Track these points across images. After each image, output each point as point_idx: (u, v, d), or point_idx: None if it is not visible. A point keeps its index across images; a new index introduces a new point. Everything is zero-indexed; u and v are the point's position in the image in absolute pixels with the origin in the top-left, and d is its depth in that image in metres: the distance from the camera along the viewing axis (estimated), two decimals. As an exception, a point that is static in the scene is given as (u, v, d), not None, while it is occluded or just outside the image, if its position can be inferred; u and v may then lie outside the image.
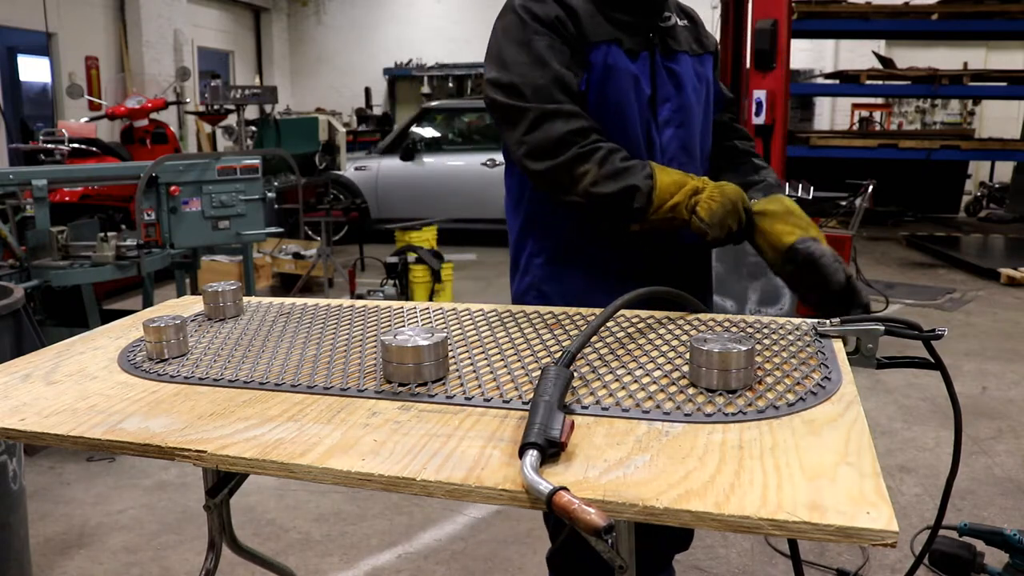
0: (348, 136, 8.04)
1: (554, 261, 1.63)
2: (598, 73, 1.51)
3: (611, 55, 1.51)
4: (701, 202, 1.41)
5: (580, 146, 1.44)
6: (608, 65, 1.51)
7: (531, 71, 1.47)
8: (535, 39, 1.48)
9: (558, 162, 1.45)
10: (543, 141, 1.45)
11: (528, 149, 1.48)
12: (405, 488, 0.83)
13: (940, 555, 2.26)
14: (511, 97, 1.48)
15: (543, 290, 1.65)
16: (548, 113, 1.45)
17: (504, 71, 1.50)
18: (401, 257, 5.46)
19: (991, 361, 4.46)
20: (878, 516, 0.72)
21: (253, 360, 1.22)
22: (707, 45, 1.69)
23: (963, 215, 10.45)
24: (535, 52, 1.47)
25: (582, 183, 1.44)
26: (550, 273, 1.64)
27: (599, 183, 1.43)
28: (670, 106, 1.58)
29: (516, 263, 1.72)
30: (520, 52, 1.49)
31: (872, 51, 9.93)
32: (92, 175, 4.28)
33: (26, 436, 1.01)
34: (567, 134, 1.44)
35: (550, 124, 1.45)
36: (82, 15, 8.98)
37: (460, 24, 13.55)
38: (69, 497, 2.93)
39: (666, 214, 1.43)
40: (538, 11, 1.49)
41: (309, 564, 2.48)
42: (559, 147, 1.44)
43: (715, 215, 1.40)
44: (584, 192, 1.44)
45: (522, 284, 1.69)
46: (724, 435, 0.90)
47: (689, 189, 1.43)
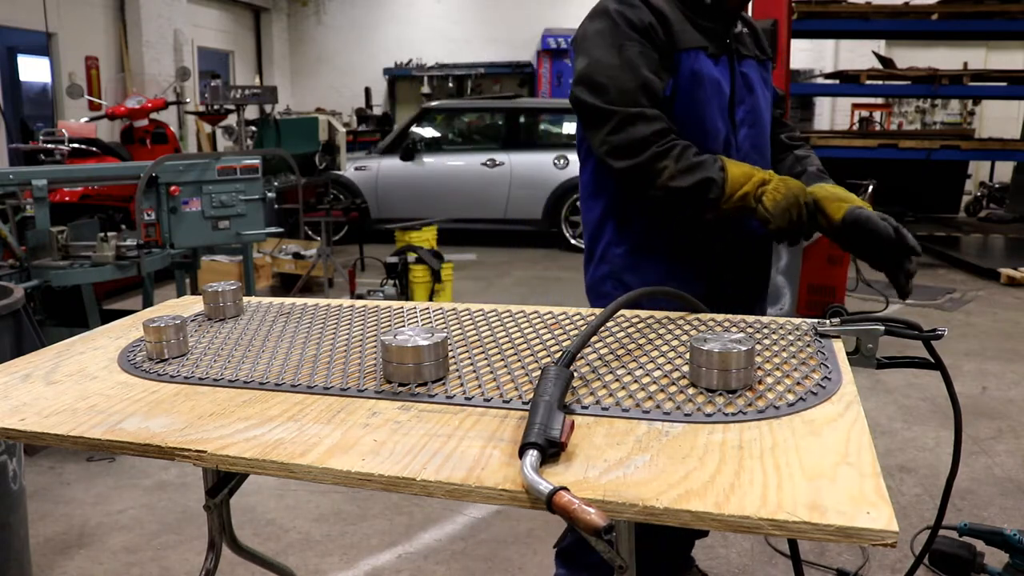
0: (348, 136, 8.03)
1: (635, 251, 1.71)
2: (685, 78, 1.60)
3: (698, 61, 1.61)
4: (767, 193, 1.52)
5: (658, 145, 1.54)
6: (695, 71, 1.61)
7: (620, 75, 1.56)
8: (627, 44, 1.57)
9: (638, 161, 1.55)
10: (625, 142, 1.55)
11: (610, 148, 1.58)
12: (405, 488, 0.83)
13: (940, 555, 2.26)
14: (598, 98, 1.58)
15: (623, 279, 1.72)
16: (632, 116, 1.55)
17: (594, 72, 1.59)
18: (401, 257, 5.46)
19: (991, 361, 4.46)
20: (878, 516, 0.72)
21: (253, 360, 1.22)
22: (767, 52, 1.81)
23: (963, 215, 10.45)
24: (626, 57, 1.57)
25: (661, 178, 1.54)
26: (631, 263, 1.72)
27: (676, 177, 1.53)
28: (744, 108, 1.70)
29: (592, 252, 1.80)
30: (611, 55, 1.58)
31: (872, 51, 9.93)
32: (92, 175, 4.28)
33: (26, 436, 1.01)
34: (648, 136, 1.54)
35: (632, 127, 1.55)
36: (82, 15, 8.98)
37: (460, 24, 13.55)
38: (69, 497, 2.93)
39: (737, 203, 1.53)
40: (632, 17, 1.58)
41: (309, 564, 2.48)
42: (640, 147, 1.55)
43: (778, 205, 1.51)
44: (663, 187, 1.54)
45: (599, 272, 1.77)
46: (724, 435, 0.90)
47: (757, 180, 1.53)
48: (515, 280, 6.91)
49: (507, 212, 8.35)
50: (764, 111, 1.76)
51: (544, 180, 8.18)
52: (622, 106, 1.55)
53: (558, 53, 12.66)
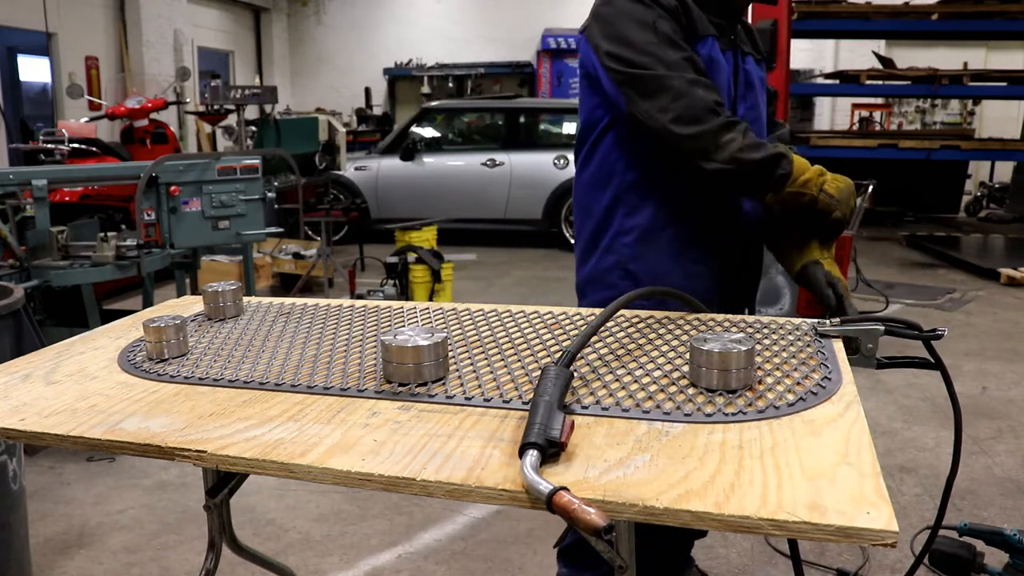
0: (348, 136, 8.03)
1: (643, 241, 1.69)
2: (703, 64, 1.59)
3: (714, 49, 1.62)
4: (828, 182, 1.52)
5: (727, 116, 1.51)
6: (712, 58, 1.61)
7: (662, 50, 1.54)
8: (659, 21, 1.56)
9: (707, 128, 1.50)
10: (691, 107, 1.51)
11: (675, 115, 1.52)
12: (405, 488, 0.83)
13: (940, 555, 2.26)
14: (645, 68, 1.54)
15: (630, 269, 1.70)
16: (691, 82, 1.52)
17: (632, 49, 1.56)
18: (401, 257, 5.46)
19: (991, 361, 4.46)
20: (878, 516, 0.72)
21: (253, 360, 1.22)
22: (762, 51, 1.81)
23: (963, 215, 10.45)
24: (663, 33, 1.55)
25: (728, 149, 1.50)
26: (639, 252, 1.69)
27: (745, 150, 1.50)
28: (746, 104, 1.70)
29: (596, 242, 1.76)
30: (646, 32, 1.55)
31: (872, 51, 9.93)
32: (92, 175, 4.28)
33: (26, 436, 1.01)
34: (712, 103, 1.51)
35: (695, 91, 1.51)
36: (82, 15, 8.98)
37: (460, 24, 13.55)
38: (69, 497, 2.93)
39: (799, 187, 1.52)
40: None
41: (309, 564, 2.48)
42: (706, 114, 1.51)
43: (843, 193, 1.52)
44: (731, 158, 1.50)
45: (604, 262, 1.74)
46: (724, 435, 0.90)
47: (816, 169, 1.54)
48: (515, 280, 6.91)
49: (507, 212, 8.35)
50: (763, 109, 1.77)
51: (544, 180, 8.19)
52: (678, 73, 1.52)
53: (558, 53, 12.66)
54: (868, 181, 5.44)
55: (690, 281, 1.63)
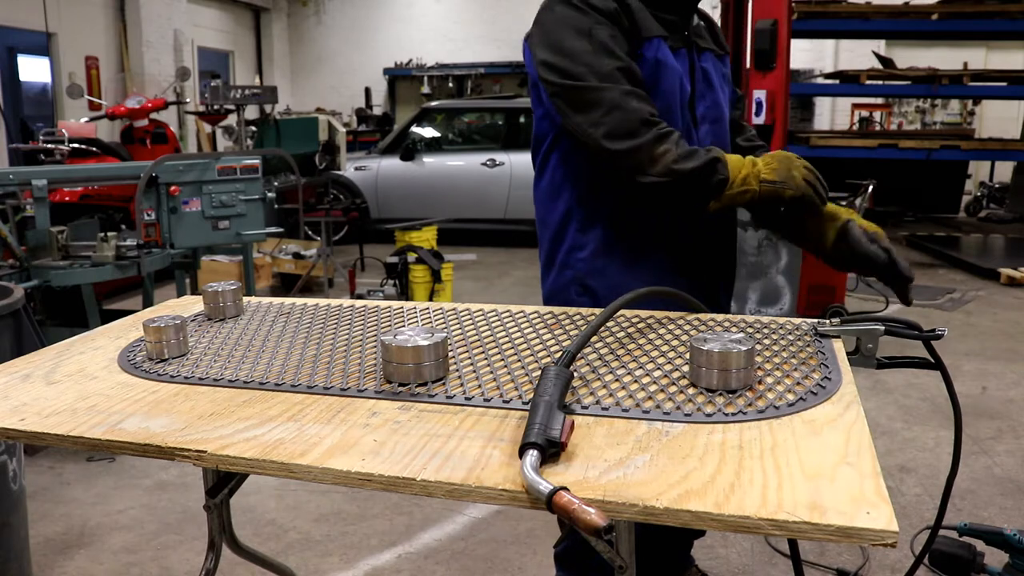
0: (348, 136, 8.03)
1: (599, 254, 1.64)
2: (649, 67, 1.55)
3: (660, 51, 1.56)
4: (762, 168, 1.47)
5: (659, 128, 1.47)
6: (658, 60, 1.55)
7: (597, 59, 1.49)
8: (596, 28, 1.51)
9: (640, 142, 1.47)
10: (623, 121, 1.47)
11: (608, 130, 1.48)
12: (405, 488, 0.83)
13: (940, 555, 2.26)
14: (577, 80, 1.50)
15: (587, 284, 1.65)
16: (624, 94, 1.48)
17: (567, 59, 1.51)
18: (401, 257, 5.46)
19: (991, 361, 4.46)
20: (878, 516, 0.72)
21: (253, 360, 1.22)
22: (724, 46, 1.76)
23: (963, 215, 10.45)
24: (599, 41, 1.50)
25: (663, 161, 1.46)
26: (596, 267, 1.65)
27: (679, 160, 1.46)
28: (705, 103, 1.65)
29: (552, 258, 1.71)
30: (582, 41, 1.50)
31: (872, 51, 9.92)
32: (92, 175, 4.28)
33: (26, 436, 1.01)
34: (647, 115, 1.47)
35: (627, 104, 1.47)
36: (82, 15, 8.98)
37: (460, 24, 13.55)
38: (69, 497, 2.93)
39: (740, 187, 1.48)
40: (595, 2, 1.52)
41: (309, 564, 2.48)
42: (639, 128, 1.47)
43: (780, 171, 1.47)
44: (667, 170, 1.46)
45: (561, 279, 1.69)
46: (724, 435, 0.90)
47: (749, 162, 1.50)
48: (515, 280, 6.91)
49: (507, 212, 8.35)
50: (724, 107, 1.70)
51: (544, 180, 8.17)
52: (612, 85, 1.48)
53: (558, 53, 12.64)
54: (868, 181, 5.44)
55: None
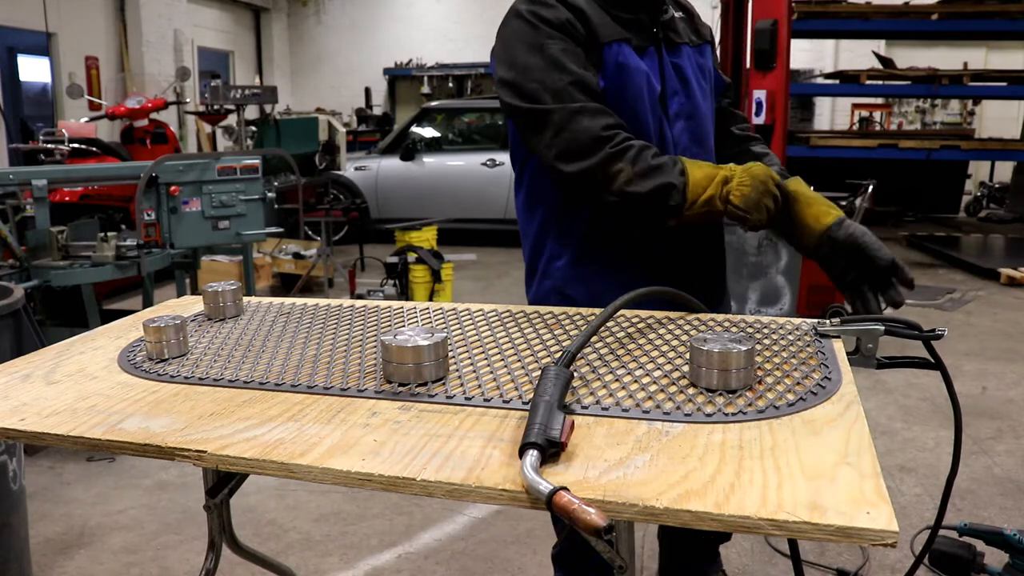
0: (348, 136, 8.03)
1: (577, 263, 1.62)
2: (611, 72, 1.51)
3: (622, 54, 1.52)
4: (733, 190, 1.40)
5: (611, 145, 1.43)
6: (620, 64, 1.51)
7: (548, 75, 1.46)
8: (548, 43, 1.47)
9: (591, 163, 1.43)
10: (573, 142, 1.44)
11: (559, 152, 1.46)
12: (405, 488, 0.83)
13: (940, 555, 2.26)
14: (532, 102, 1.47)
15: (567, 293, 1.63)
16: (573, 112, 1.44)
17: (520, 76, 1.48)
18: (401, 257, 5.46)
19: (991, 361, 4.46)
20: (878, 516, 0.72)
21: (253, 360, 1.22)
22: (704, 35, 1.70)
23: (963, 215, 10.45)
24: (550, 55, 1.46)
25: (616, 182, 1.43)
26: (574, 275, 1.63)
27: (634, 182, 1.42)
28: (679, 100, 1.60)
29: (534, 268, 1.70)
30: (534, 57, 1.47)
31: (872, 51, 9.93)
32: (92, 175, 4.28)
33: (26, 436, 1.01)
34: (597, 132, 1.43)
35: (577, 124, 1.43)
36: (82, 15, 8.98)
37: (460, 24, 13.55)
38: (69, 497, 2.93)
39: (701, 208, 1.42)
40: (547, 15, 1.48)
41: (309, 564, 2.48)
42: (591, 147, 1.43)
43: (749, 200, 1.39)
44: (619, 192, 1.43)
45: (542, 288, 1.67)
46: (724, 435, 0.90)
47: (720, 180, 1.42)
48: (515, 280, 6.91)
49: (507, 212, 8.35)
50: (702, 101, 1.64)
51: (544, 180, 8.17)
52: (560, 104, 1.44)
53: (558, 53, 12.65)
54: (868, 181, 5.44)
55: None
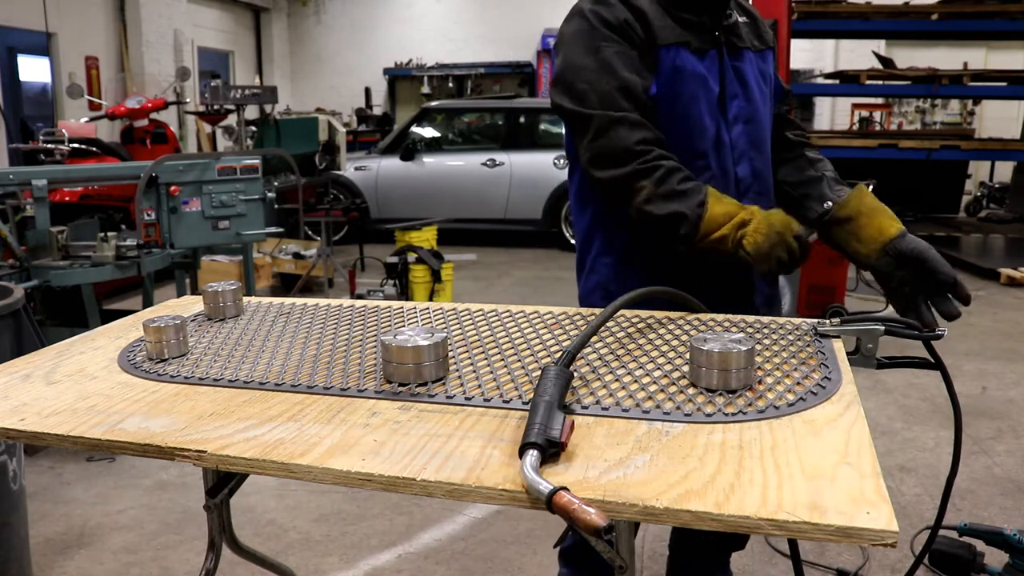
0: (348, 136, 8.03)
1: (621, 262, 1.65)
2: (667, 75, 1.53)
3: (680, 57, 1.53)
4: (747, 235, 1.41)
5: (641, 161, 1.45)
6: (677, 67, 1.53)
7: (598, 78, 1.49)
8: (603, 46, 1.50)
9: (619, 173, 1.47)
10: (606, 150, 1.47)
11: (591, 156, 1.50)
12: (405, 488, 0.83)
13: (940, 555, 2.26)
14: (577, 103, 1.50)
15: (610, 290, 1.65)
16: (613, 121, 1.46)
17: (572, 75, 1.52)
18: (401, 257, 5.46)
19: (991, 361, 4.46)
20: (878, 516, 0.72)
21: (253, 360, 1.22)
22: (767, 41, 1.70)
23: (963, 215, 10.44)
24: (603, 58, 1.49)
25: (637, 198, 1.46)
26: (619, 273, 1.65)
27: (652, 201, 1.44)
28: (738, 103, 1.60)
29: (583, 263, 1.73)
30: (588, 58, 1.50)
31: (872, 51, 9.92)
32: (92, 175, 4.28)
33: (26, 436, 1.01)
34: (631, 144, 1.46)
35: (614, 132, 1.46)
36: (82, 15, 8.97)
37: (460, 24, 13.55)
38: (69, 497, 2.93)
39: (712, 244, 1.44)
40: (607, 15, 1.51)
41: (309, 564, 2.48)
42: (622, 158, 1.46)
43: (760, 249, 1.39)
44: (638, 208, 1.47)
45: (588, 283, 1.71)
46: (724, 435, 0.90)
47: (737, 222, 1.42)
48: (515, 280, 6.91)
49: (507, 212, 8.35)
50: (761, 106, 1.65)
51: (544, 180, 8.19)
52: (602, 110, 1.47)
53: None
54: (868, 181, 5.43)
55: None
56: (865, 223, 1.43)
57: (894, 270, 1.40)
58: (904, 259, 1.38)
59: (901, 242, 1.40)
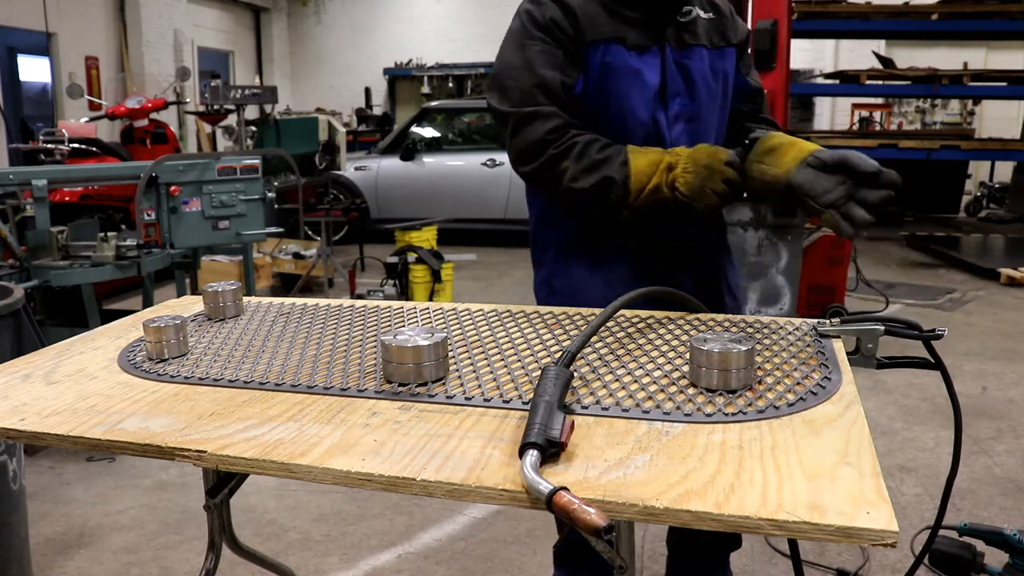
0: (348, 136, 8.03)
1: (560, 255, 1.66)
2: (595, 72, 1.52)
3: (610, 53, 1.52)
4: (677, 177, 1.41)
5: (556, 145, 1.48)
6: (606, 64, 1.52)
7: (521, 75, 1.52)
8: (528, 44, 1.53)
9: (539, 164, 1.50)
10: (524, 145, 1.51)
11: (514, 155, 1.54)
12: (405, 488, 0.83)
13: (940, 555, 2.26)
14: (501, 102, 1.54)
15: (552, 284, 1.68)
16: (527, 116, 1.50)
17: (501, 75, 1.56)
18: (401, 257, 5.46)
19: (991, 361, 4.46)
20: (878, 516, 0.72)
21: (253, 360, 1.22)
22: (729, 38, 1.65)
23: (963, 215, 10.45)
24: (527, 57, 1.52)
25: (563, 181, 1.48)
26: (557, 268, 1.67)
27: (577, 179, 1.46)
28: (680, 101, 1.58)
29: (534, 260, 1.75)
30: (516, 56, 1.54)
31: (872, 51, 9.93)
32: (92, 175, 4.28)
33: (26, 436, 1.01)
34: (543, 135, 1.48)
35: (530, 127, 1.50)
36: (82, 15, 8.97)
37: (460, 24, 13.55)
38: (69, 497, 2.93)
39: (649, 197, 1.44)
40: (536, 15, 1.53)
41: (309, 564, 2.48)
42: (537, 150, 1.49)
43: (692, 186, 1.39)
44: (567, 190, 1.49)
45: (537, 279, 1.73)
46: (724, 435, 0.90)
47: (664, 167, 1.42)
48: (515, 280, 6.91)
49: (507, 212, 8.35)
50: (707, 104, 1.60)
51: (544, 180, 8.17)
52: (519, 107, 1.50)
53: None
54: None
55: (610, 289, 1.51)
56: (786, 149, 1.38)
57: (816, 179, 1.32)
58: (825, 166, 1.32)
59: (821, 153, 1.34)
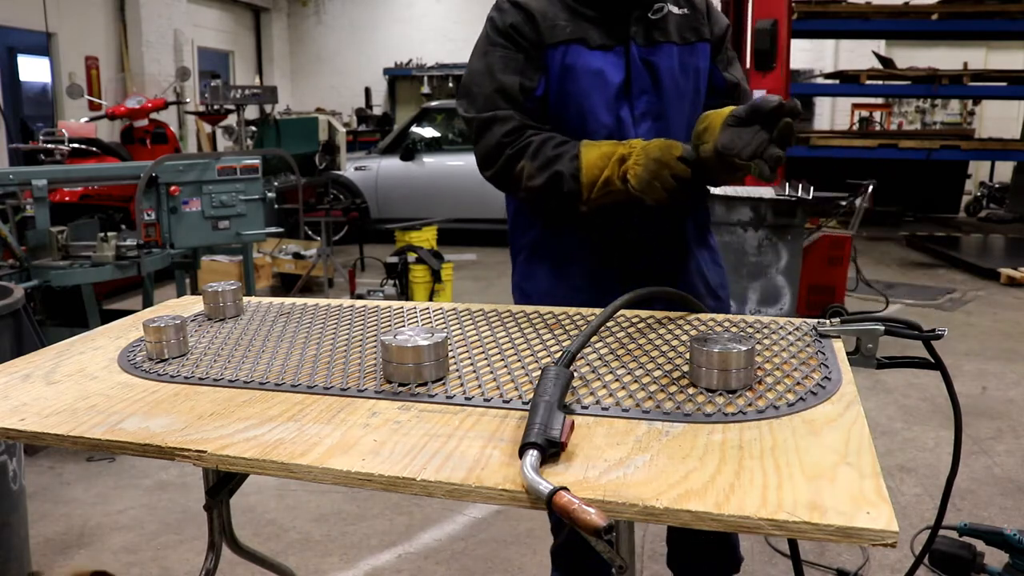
0: (348, 136, 8.03)
1: (530, 258, 1.69)
2: (556, 74, 1.53)
3: (570, 55, 1.52)
4: (628, 169, 1.39)
5: (512, 146, 1.50)
6: (566, 65, 1.53)
7: (483, 81, 1.55)
8: (491, 50, 1.55)
9: (498, 167, 1.52)
10: (484, 150, 1.54)
11: (478, 159, 1.56)
12: (405, 488, 0.83)
13: (940, 555, 2.26)
14: (467, 109, 1.57)
15: (523, 287, 1.70)
16: (486, 121, 1.53)
17: (466, 81, 1.59)
18: (401, 257, 5.46)
19: (991, 361, 4.46)
20: (878, 516, 0.72)
21: (253, 360, 1.22)
22: (703, 33, 1.61)
23: (963, 215, 10.45)
24: (488, 63, 1.55)
25: (522, 181, 1.50)
26: (527, 270, 1.69)
27: (533, 177, 1.48)
28: (647, 99, 1.55)
29: (511, 260, 1.77)
30: (480, 63, 1.57)
31: (872, 51, 9.93)
32: (92, 175, 4.28)
33: (26, 436, 1.01)
34: (499, 138, 1.51)
35: (488, 132, 1.52)
36: (82, 15, 8.97)
37: (460, 24, 13.54)
38: (69, 497, 2.93)
39: (602, 190, 1.43)
40: (498, 21, 1.56)
41: (309, 564, 2.48)
42: (495, 153, 1.52)
43: (642, 180, 1.37)
44: (525, 190, 1.51)
45: (513, 282, 1.75)
46: (724, 435, 0.90)
47: (616, 159, 1.41)
48: (515, 280, 6.90)
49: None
50: (675, 101, 1.57)
51: (544, 180, 8.17)
52: (479, 113, 1.53)
53: (558, 53, 12.66)
54: (868, 181, 5.45)
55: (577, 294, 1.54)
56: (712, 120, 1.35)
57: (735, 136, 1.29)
58: (741, 120, 1.29)
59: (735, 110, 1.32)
